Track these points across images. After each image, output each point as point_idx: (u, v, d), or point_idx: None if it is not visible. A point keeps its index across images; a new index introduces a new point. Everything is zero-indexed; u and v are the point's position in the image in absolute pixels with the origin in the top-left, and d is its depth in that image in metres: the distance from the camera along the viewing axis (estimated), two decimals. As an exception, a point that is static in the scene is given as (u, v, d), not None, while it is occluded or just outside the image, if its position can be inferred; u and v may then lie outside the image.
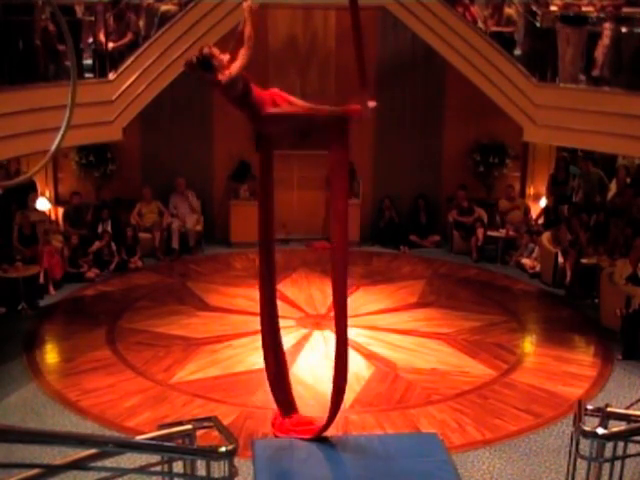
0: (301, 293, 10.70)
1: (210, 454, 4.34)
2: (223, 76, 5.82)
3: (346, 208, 6.40)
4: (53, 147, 4.06)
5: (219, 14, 9.90)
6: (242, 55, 5.81)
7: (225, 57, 5.89)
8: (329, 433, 6.79)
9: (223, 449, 4.29)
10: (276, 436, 6.89)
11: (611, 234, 10.97)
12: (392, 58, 12.29)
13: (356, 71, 6.10)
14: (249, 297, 10.61)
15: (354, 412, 7.50)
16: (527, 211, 12.85)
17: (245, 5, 5.94)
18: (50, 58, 9.24)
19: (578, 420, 4.88)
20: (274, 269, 6.91)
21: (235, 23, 10.12)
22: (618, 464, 4.86)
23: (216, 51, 5.88)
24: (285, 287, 10.94)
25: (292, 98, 6.29)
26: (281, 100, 6.19)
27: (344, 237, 6.42)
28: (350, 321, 6.58)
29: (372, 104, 6.14)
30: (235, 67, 5.80)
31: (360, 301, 10.36)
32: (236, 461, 4.48)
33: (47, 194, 12.32)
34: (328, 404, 6.64)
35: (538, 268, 11.68)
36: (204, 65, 5.83)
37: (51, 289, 10.72)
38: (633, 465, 5.94)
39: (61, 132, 3.96)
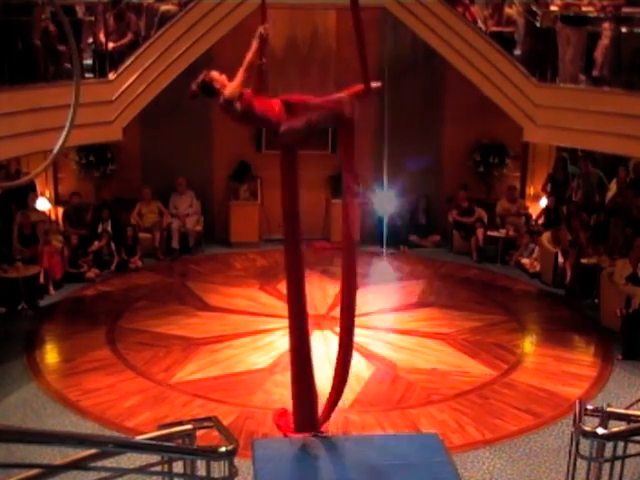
0: (301, 293, 10.69)
1: (210, 454, 4.34)
2: (223, 96, 5.78)
3: (353, 203, 6.45)
4: (56, 149, 4.04)
5: (219, 14, 9.92)
6: (237, 76, 5.74)
7: (224, 78, 5.83)
8: (329, 433, 6.79)
9: (223, 449, 4.29)
10: (285, 435, 6.87)
11: (611, 234, 10.96)
12: (392, 58, 12.26)
13: (357, 70, 6.14)
14: (249, 297, 10.67)
15: (354, 412, 7.49)
16: (526, 214, 12.79)
17: (259, 30, 5.87)
18: (50, 58, 9.23)
19: (578, 420, 4.88)
20: (303, 270, 6.76)
21: (235, 23, 10.25)
22: (618, 464, 4.85)
23: (215, 74, 5.82)
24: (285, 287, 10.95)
25: (300, 97, 6.26)
26: (295, 100, 6.14)
27: (349, 233, 6.36)
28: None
29: (376, 84, 6.14)
30: (229, 89, 5.72)
31: (360, 301, 10.29)
32: (236, 461, 4.47)
33: (47, 194, 12.31)
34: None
35: (538, 268, 11.67)
36: (206, 91, 5.79)
37: (51, 289, 10.72)
38: (633, 465, 5.94)
39: (64, 134, 3.93)
